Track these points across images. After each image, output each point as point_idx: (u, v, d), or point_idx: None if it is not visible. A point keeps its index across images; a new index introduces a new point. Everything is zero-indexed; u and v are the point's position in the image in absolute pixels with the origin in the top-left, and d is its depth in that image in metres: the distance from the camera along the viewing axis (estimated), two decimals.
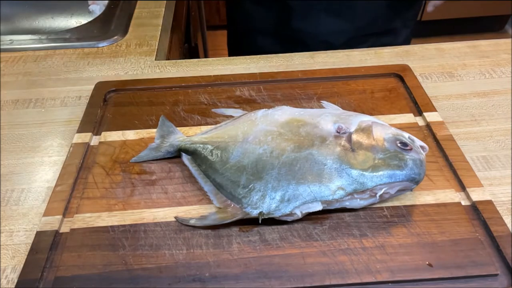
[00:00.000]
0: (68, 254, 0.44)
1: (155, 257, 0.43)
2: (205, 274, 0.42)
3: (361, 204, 0.46)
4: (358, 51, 0.74)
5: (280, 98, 0.62)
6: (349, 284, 0.41)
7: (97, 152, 0.55)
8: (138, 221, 0.46)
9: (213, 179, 0.48)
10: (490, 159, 0.54)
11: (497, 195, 0.49)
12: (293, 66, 0.71)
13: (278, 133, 0.49)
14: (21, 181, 0.54)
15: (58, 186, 0.50)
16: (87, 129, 0.58)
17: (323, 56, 0.74)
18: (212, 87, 0.65)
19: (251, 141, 0.49)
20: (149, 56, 0.76)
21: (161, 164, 0.53)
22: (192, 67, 0.73)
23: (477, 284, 0.41)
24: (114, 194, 0.49)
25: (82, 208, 0.48)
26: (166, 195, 0.49)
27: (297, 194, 0.44)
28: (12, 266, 0.45)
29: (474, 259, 0.42)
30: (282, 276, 0.41)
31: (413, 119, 0.58)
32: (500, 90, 0.65)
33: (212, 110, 0.60)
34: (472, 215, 0.46)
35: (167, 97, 0.63)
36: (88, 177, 0.51)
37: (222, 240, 0.44)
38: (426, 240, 0.44)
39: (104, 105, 0.62)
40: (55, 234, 0.45)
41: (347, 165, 0.45)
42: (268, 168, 0.46)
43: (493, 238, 0.44)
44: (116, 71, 0.73)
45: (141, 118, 0.59)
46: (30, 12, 1.02)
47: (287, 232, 0.45)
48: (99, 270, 0.42)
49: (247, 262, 0.42)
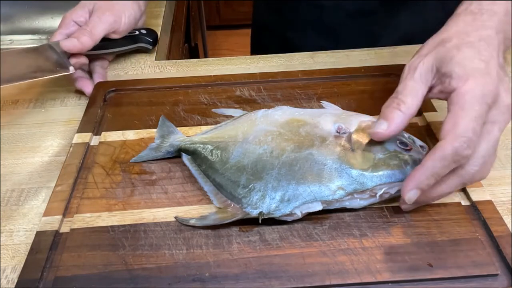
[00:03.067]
0: (68, 254, 0.44)
1: (155, 257, 0.43)
2: (205, 274, 0.42)
3: (361, 204, 0.46)
4: (358, 51, 0.74)
5: (280, 98, 0.62)
6: (349, 284, 0.41)
7: (97, 152, 0.55)
8: (138, 221, 0.46)
9: (213, 179, 0.48)
10: None
11: (497, 195, 0.49)
12: (293, 66, 0.71)
13: (278, 133, 0.49)
14: (21, 181, 0.54)
15: (58, 186, 0.50)
16: (87, 129, 0.58)
17: (323, 56, 0.74)
18: (212, 87, 0.65)
19: (251, 141, 0.49)
20: (149, 56, 0.76)
21: (161, 164, 0.53)
22: (192, 67, 0.73)
23: (477, 284, 0.41)
24: (114, 194, 0.49)
25: (82, 208, 0.48)
26: (166, 195, 0.49)
27: (297, 194, 0.44)
28: (12, 266, 0.45)
29: (474, 259, 0.42)
30: (282, 276, 0.41)
31: (413, 119, 0.57)
32: None
33: (212, 110, 0.60)
34: (472, 215, 0.46)
35: (167, 97, 0.63)
36: (88, 177, 0.51)
37: (222, 240, 0.44)
38: (426, 240, 0.44)
39: (104, 105, 0.62)
40: (55, 234, 0.45)
41: (347, 165, 0.45)
42: (268, 168, 0.46)
43: (493, 238, 0.44)
44: (116, 71, 0.73)
45: (141, 118, 0.59)
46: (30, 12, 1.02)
47: (287, 232, 0.45)
48: (99, 270, 0.42)
49: (247, 262, 0.42)
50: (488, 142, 0.42)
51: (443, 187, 0.43)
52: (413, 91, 0.44)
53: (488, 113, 0.42)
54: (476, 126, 0.40)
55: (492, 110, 0.42)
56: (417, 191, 0.42)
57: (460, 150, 0.40)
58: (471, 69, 0.43)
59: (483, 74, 0.42)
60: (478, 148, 0.42)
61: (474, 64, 0.43)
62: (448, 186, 0.43)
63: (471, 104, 0.41)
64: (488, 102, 0.41)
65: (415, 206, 0.45)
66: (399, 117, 0.43)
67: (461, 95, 0.42)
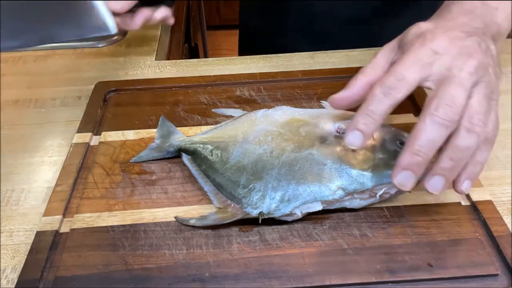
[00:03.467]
0: (68, 254, 0.44)
1: (155, 257, 0.43)
2: (205, 274, 0.42)
3: (361, 204, 0.46)
4: (358, 51, 0.74)
5: (280, 98, 0.62)
6: (349, 284, 0.41)
7: (97, 152, 0.55)
8: (138, 221, 0.46)
9: (213, 179, 0.48)
10: (490, 159, 0.54)
11: (497, 195, 0.49)
12: (293, 66, 0.71)
13: (278, 133, 0.49)
14: (21, 181, 0.54)
15: (58, 186, 0.50)
16: (87, 129, 0.58)
17: (323, 56, 0.74)
18: (212, 87, 0.65)
19: (251, 141, 0.49)
20: (149, 56, 0.76)
21: (161, 164, 0.53)
22: (192, 67, 0.73)
23: (477, 284, 0.41)
24: (114, 194, 0.49)
25: (82, 208, 0.48)
26: (166, 195, 0.49)
27: (297, 194, 0.44)
28: (12, 266, 0.45)
29: (474, 259, 0.42)
30: (282, 276, 0.41)
31: (413, 119, 0.58)
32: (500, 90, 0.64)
33: (212, 110, 0.60)
34: (472, 215, 0.46)
35: (167, 97, 0.63)
36: (88, 177, 0.51)
37: (222, 240, 0.44)
38: (426, 240, 0.44)
39: (104, 105, 0.62)
40: (55, 234, 0.45)
41: (347, 165, 0.45)
42: (268, 168, 0.46)
43: (493, 238, 0.44)
44: (116, 71, 0.73)
45: (141, 118, 0.59)
46: None
47: (287, 232, 0.45)
48: (99, 270, 0.42)
49: (247, 262, 0.42)
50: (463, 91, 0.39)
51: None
52: (373, 64, 0.45)
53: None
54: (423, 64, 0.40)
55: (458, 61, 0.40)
56: (410, 173, 0.39)
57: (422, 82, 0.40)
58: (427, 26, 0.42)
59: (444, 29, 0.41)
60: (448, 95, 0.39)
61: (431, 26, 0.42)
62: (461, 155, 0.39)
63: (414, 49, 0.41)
64: (438, 51, 0.40)
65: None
66: (357, 82, 0.44)
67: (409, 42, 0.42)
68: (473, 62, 0.40)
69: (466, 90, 0.39)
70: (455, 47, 0.41)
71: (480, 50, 0.41)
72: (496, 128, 0.41)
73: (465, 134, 0.38)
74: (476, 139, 0.38)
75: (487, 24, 0.44)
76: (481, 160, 0.40)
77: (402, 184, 0.40)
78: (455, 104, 0.38)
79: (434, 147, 0.38)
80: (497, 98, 0.41)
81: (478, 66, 0.40)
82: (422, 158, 0.38)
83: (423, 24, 0.44)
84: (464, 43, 0.41)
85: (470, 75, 0.39)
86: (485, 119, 0.39)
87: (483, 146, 0.40)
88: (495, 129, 0.41)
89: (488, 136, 0.40)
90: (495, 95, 0.41)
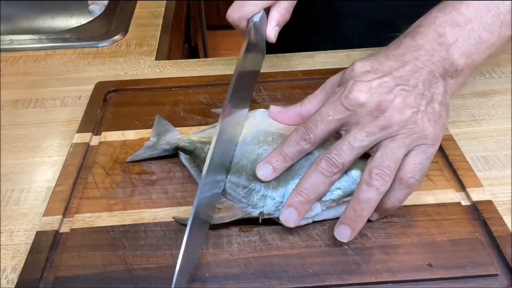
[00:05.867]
0: (68, 254, 0.44)
1: (155, 257, 0.43)
2: (205, 274, 0.42)
3: None
4: (358, 51, 0.74)
5: (280, 98, 0.62)
6: (349, 284, 0.41)
7: (97, 152, 0.55)
8: (138, 221, 0.46)
9: None
10: (490, 159, 0.54)
11: (497, 195, 0.49)
12: (293, 66, 0.71)
13: (278, 134, 0.49)
14: (21, 181, 0.54)
15: (58, 186, 0.50)
16: (87, 129, 0.58)
17: (323, 56, 0.74)
18: (212, 87, 0.65)
19: (251, 141, 0.49)
20: (149, 56, 0.76)
21: (161, 164, 0.53)
22: (192, 67, 0.73)
23: (477, 284, 0.41)
24: (114, 194, 0.49)
25: (82, 208, 0.48)
26: (166, 195, 0.49)
27: None
28: (12, 266, 0.45)
29: (474, 259, 0.42)
30: (282, 276, 0.41)
31: None
32: (500, 90, 0.65)
33: (212, 110, 0.60)
34: (472, 215, 0.46)
35: (167, 97, 0.63)
36: (88, 177, 0.51)
37: (222, 240, 0.44)
38: (426, 240, 0.44)
39: (104, 105, 0.62)
40: (55, 234, 0.45)
41: None
42: None
43: (493, 238, 0.44)
44: (116, 71, 0.73)
45: (141, 118, 0.59)
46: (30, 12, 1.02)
47: (287, 232, 0.45)
48: (99, 270, 0.42)
49: (247, 262, 0.42)
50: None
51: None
52: (313, 96, 0.50)
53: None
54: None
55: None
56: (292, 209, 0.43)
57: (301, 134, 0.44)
58: (360, 73, 0.44)
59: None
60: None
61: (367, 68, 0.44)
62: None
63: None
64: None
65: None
66: (291, 111, 0.50)
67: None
68: (381, 121, 0.41)
69: (359, 147, 0.42)
70: (371, 102, 0.42)
71: (403, 101, 0.42)
72: (420, 170, 0.42)
73: (364, 187, 0.41)
74: (375, 192, 0.41)
75: (437, 61, 0.43)
76: (393, 200, 0.43)
77: (286, 220, 0.43)
78: (338, 157, 0.42)
79: (315, 191, 0.42)
80: (429, 143, 0.42)
81: (386, 124, 0.41)
82: (304, 198, 0.42)
83: (359, 64, 0.45)
84: (384, 98, 0.42)
85: (369, 135, 0.42)
86: (388, 169, 0.41)
87: (398, 186, 0.42)
88: (416, 171, 0.42)
89: (404, 178, 0.42)
90: (422, 140, 0.42)
